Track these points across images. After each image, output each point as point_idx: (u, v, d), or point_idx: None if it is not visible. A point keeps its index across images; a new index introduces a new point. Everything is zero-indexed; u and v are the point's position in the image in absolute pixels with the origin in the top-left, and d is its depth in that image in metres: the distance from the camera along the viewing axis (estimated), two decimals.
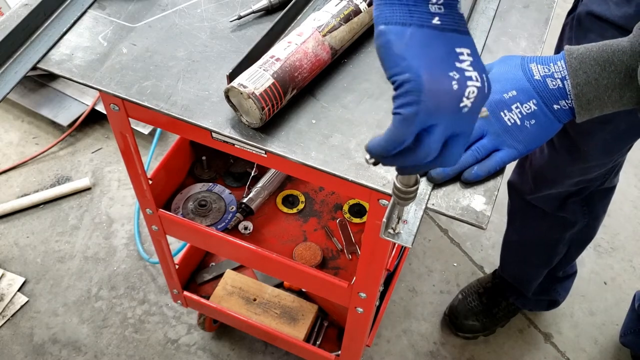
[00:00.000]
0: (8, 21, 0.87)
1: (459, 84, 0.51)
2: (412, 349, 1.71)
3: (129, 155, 1.05)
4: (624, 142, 1.13)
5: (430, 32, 0.51)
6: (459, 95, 0.51)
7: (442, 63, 0.51)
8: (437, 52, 0.51)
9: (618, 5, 0.94)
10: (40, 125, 2.17)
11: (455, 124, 0.53)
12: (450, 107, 0.51)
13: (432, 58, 0.50)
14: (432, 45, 0.51)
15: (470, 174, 0.74)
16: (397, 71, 0.51)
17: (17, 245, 1.86)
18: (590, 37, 1.01)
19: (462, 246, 1.93)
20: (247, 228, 1.35)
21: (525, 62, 0.75)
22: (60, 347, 1.67)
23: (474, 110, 0.53)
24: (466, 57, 0.52)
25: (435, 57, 0.51)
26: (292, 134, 0.80)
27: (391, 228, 0.71)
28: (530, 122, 0.73)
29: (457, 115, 0.52)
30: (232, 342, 1.68)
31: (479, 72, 0.53)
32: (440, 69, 0.50)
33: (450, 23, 0.52)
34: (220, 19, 0.93)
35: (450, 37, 0.52)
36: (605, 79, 0.70)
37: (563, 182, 1.25)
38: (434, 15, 0.51)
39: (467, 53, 0.52)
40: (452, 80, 0.51)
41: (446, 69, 0.51)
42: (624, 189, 2.09)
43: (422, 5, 0.51)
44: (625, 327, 1.68)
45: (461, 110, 0.52)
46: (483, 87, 0.53)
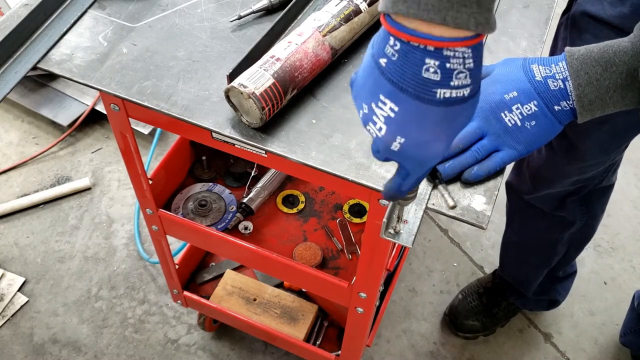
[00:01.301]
0: (8, 21, 0.87)
1: (364, 116, 0.55)
2: (412, 349, 1.71)
3: (129, 155, 1.05)
4: (621, 140, 1.13)
5: (373, 67, 0.52)
6: (363, 122, 0.55)
7: (362, 93, 0.54)
8: (366, 83, 0.53)
9: (612, 5, 0.94)
10: (40, 125, 2.17)
11: None
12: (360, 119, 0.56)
13: (361, 85, 0.54)
14: (368, 76, 0.53)
15: (470, 174, 0.74)
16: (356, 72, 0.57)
17: (17, 245, 1.86)
18: (584, 37, 1.01)
19: (462, 246, 1.93)
20: (247, 228, 1.35)
21: (527, 63, 0.75)
22: (60, 347, 1.67)
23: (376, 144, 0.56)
24: (386, 109, 0.51)
25: (363, 86, 0.54)
26: (293, 134, 0.80)
27: (391, 228, 0.71)
28: (530, 123, 0.73)
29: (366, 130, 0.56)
30: (232, 342, 1.68)
31: (391, 130, 0.52)
32: (358, 96, 0.55)
33: (392, 72, 0.49)
34: (221, 19, 0.93)
35: (385, 85, 0.50)
36: (607, 80, 0.70)
37: (561, 181, 1.25)
38: (385, 56, 0.50)
39: (390, 108, 0.51)
40: (360, 109, 0.55)
41: (362, 99, 0.54)
42: (624, 188, 2.09)
43: (383, 43, 0.50)
44: (625, 327, 1.68)
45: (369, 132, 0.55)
46: (385, 141, 0.54)
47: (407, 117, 0.51)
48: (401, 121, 0.51)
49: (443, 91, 0.49)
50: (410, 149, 0.53)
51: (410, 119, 0.51)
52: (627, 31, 0.92)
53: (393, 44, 0.48)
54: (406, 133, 0.52)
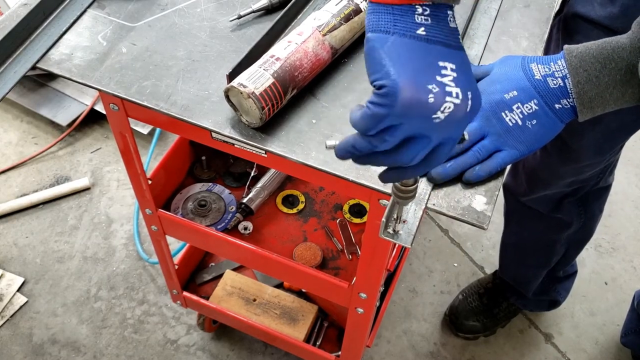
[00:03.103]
0: (7, 21, 0.87)
1: (436, 97, 0.51)
2: (413, 350, 1.71)
3: (129, 155, 1.05)
4: (615, 141, 1.13)
5: (413, 43, 0.51)
6: (433, 109, 0.51)
7: (422, 74, 0.51)
8: (418, 62, 0.51)
9: (602, 5, 0.94)
10: (40, 125, 2.17)
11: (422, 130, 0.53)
12: (421, 117, 0.52)
13: (411, 68, 0.51)
14: (414, 56, 0.51)
15: (472, 175, 0.74)
16: (377, 77, 0.51)
17: (16, 246, 1.86)
18: (576, 38, 1.01)
19: (462, 246, 1.93)
20: (247, 228, 1.35)
21: (526, 62, 0.75)
22: (59, 348, 1.66)
23: (447, 123, 0.52)
24: (449, 72, 0.52)
25: (415, 68, 0.51)
26: (292, 134, 0.79)
27: (391, 228, 0.71)
28: (531, 122, 0.73)
29: (426, 124, 0.52)
30: (231, 342, 1.68)
31: (463, 89, 0.52)
32: (419, 80, 0.51)
33: (437, 35, 0.52)
34: (220, 19, 0.93)
35: (436, 49, 0.52)
36: (606, 76, 0.70)
37: (557, 183, 1.25)
38: (419, 25, 0.51)
39: (451, 68, 0.52)
40: (429, 93, 0.51)
41: (426, 81, 0.51)
42: (624, 189, 2.09)
43: (407, 15, 0.51)
44: (625, 328, 1.68)
45: (432, 120, 0.52)
46: (463, 105, 0.52)
47: (464, 68, 0.53)
48: (463, 74, 0.53)
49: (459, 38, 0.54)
50: (476, 100, 0.54)
51: (465, 70, 0.53)
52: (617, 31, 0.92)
53: (422, 11, 0.52)
54: (471, 84, 0.54)
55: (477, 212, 0.73)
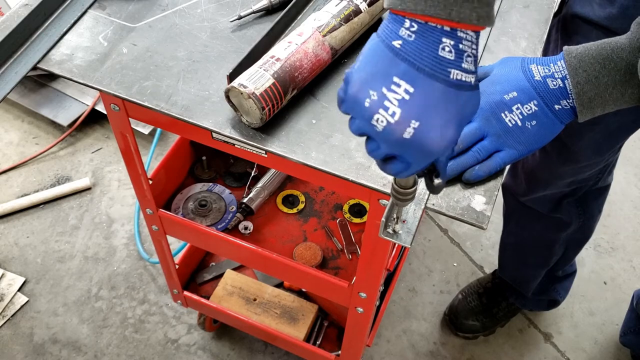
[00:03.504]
0: (8, 21, 0.87)
1: (371, 104, 0.53)
2: (412, 349, 1.71)
3: (129, 155, 1.05)
4: (614, 141, 1.13)
5: (384, 51, 0.52)
6: (368, 113, 0.53)
7: (371, 79, 0.53)
8: (376, 68, 0.52)
9: (601, 6, 0.94)
10: (40, 125, 2.17)
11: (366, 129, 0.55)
12: (361, 116, 0.54)
13: (368, 70, 0.53)
14: (378, 61, 0.52)
15: (471, 174, 0.75)
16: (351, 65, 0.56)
17: (17, 245, 1.86)
18: (575, 38, 1.01)
19: (462, 246, 1.93)
20: (247, 228, 1.35)
21: (526, 63, 0.75)
22: (60, 347, 1.67)
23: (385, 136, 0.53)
24: (401, 91, 0.51)
25: (371, 72, 0.53)
26: (293, 134, 0.80)
27: (390, 228, 0.71)
28: (531, 123, 0.73)
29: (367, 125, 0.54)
30: (232, 342, 1.68)
31: (406, 114, 0.52)
32: (366, 82, 0.53)
33: (411, 54, 0.51)
34: (221, 19, 0.93)
35: (400, 65, 0.51)
36: (606, 77, 0.70)
37: (556, 183, 1.25)
38: (399, 38, 0.51)
39: (406, 89, 0.51)
40: (367, 97, 0.53)
41: (370, 86, 0.52)
42: (624, 189, 2.09)
43: (395, 25, 0.52)
44: (624, 327, 1.68)
45: (372, 124, 0.53)
46: (398, 128, 0.52)
47: (423, 97, 0.51)
48: (417, 102, 0.51)
49: (456, 72, 0.51)
50: (423, 135, 0.52)
51: (425, 100, 0.51)
52: (615, 32, 0.92)
53: (409, 25, 0.51)
54: (421, 115, 0.52)
55: (476, 212, 0.73)
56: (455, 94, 0.52)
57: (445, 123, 0.53)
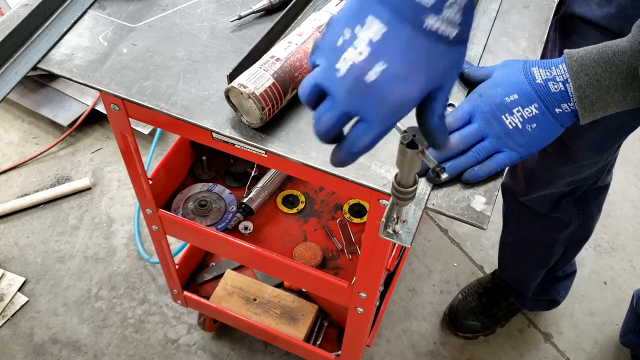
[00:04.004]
0: (8, 21, 0.87)
1: (343, 43, 0.50)
2: (412, 349, 1.71)
3: (129, 155, 1.05)
4: (613, 140, 1.14)
5: None
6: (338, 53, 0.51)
7: (345, 19, 0.51)
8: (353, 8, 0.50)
9: (599, 5, 0.94)
10: (40, 125, 2.17)
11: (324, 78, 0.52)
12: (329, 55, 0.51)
13: (346, 10, 0.51)
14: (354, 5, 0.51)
15: (470, 175, 0.75)
16: None
17: (17, 245, 1.86)
18: (573, 38, 1.01)
19: (462, 246, 1.93)
20: (247, 228, 1.36)
21: (527, 66, 0.75)
22: (60, 347, 1.67)
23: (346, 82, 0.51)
24: (372, 31, 0.49)
25: (348, 10, 0.51)
26: (293, 134, 0.80)
27: (390, 228, 0.71)
28: (531, 126, 0.73)
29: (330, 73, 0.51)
30: (232, 342, 1.68)
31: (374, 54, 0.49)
32: (341, 22, 0.51)
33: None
34: (221, 19, 0.94)
35: (375, 5, 0.49)
36: (607, 80, 0.70)
37: (555, 182, 1.25)
38: None
39: (378, 29, 0.49)
40: (340, 36, 0.51)
41: (345, 24, 0.51)
42: (624, 189, 2.09)
43: None
44: (624, 327, 1.68)
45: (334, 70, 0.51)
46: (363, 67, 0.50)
47: (394, 42, 0.48)
48: (386, 44, 0.49)
49: (432, 21, 0.48)
50: (387, 80, 0.49)
51: (396, 45, 0.49)
52: (613, 31, 0.92)
53: None
54: (389, 58, 0.49)
55: (476, 212, 0.73)
56: (427, 46, 0.49)
57: (412, 73, 0.49)
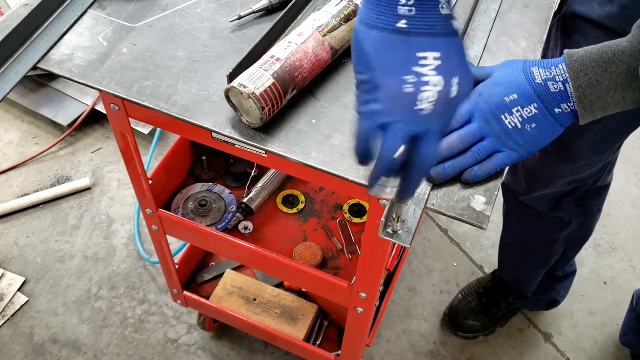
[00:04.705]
0: (8, 21, 0.87)
1: (415, 87, 0.53)
2: (412, 349, 1.71)
3: (129, 155, 1.05)
4: (613, 140, 1.14)
5: (392, 37, 0.53)
6: (412, 99, 0.53)
7: (398, 67, 0.53)
8: (395, 56, 0.53)
9: (601, 5, 0.94)
10: (40, 125, 2.17)
11: (414, 125, 0.55)
12: (405, 108, 0.54)
13: (389, 61, 0.53)
14: (392, 49, 0.53)
15: (470, 175, 0.75)
16: (359, 69, 0.55)
17: (17, 245, 1.86)
18: (574, 37, 1.01)
19: (462, 246, 1.93)
20: (247, 228, 1.36)
21: (527, 66, 0.75)
22: (60, 347, 1.67)
23: (438, 113, 0.54)
24: (431, 61, 0.53)
25: (392, 61, 0.53)
26: (293, 134, 0.80)
27: (390, 228, 0.71)
28: (531, 126, 0.73)
29: (415, 117, 0.54)
30: (232, 342, 1.68)
31: (446, 76, 0.54)
32: (394, 73, 0.53)
33: (419, 26, 0.53)
34: (221, 19, 0.94)
35: (415, 40, 0.53)
36: (607, 80, 0.70)
37: (556, 182, 1.25)
38: (401, 18, 0.52)
39: (434, 57, 0.53)
40: (404, 84, 0.53)
41: (401, 72, 0.53)
42: (624, 189, 2.09)
43: (390, 8, 0.52)
44: (625, 327, 1.68)
45: (419, 112, 0.54)
46: (447, 91, 0.54)
47: (449, 55, 0.54)
48: (449, 61, 0.54)
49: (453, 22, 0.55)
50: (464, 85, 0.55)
51: (452, 56, 0.54)
52: (615, 31, 0.92)
53: (406, 2, 0.52)
54: (457, 69, 0.55)
55: (476, 212, 0.73)
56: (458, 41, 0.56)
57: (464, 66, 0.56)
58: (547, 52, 1.13)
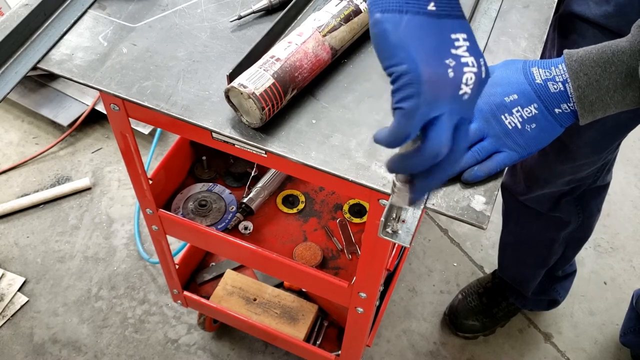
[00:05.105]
0: (8, 21, 0.87)
1: (455, 71, 0.51)
2: (412, 349, 1.71)
3: (129, 155, 1.05)
4: (612, 139, 1.14)
5: (426, 20, 0.51)
6: (457, 83, 0.51)
7: (438, 51, 0.50)
8: (432, 40, 0.50)
9: (598, 4, 0.94)
10: (40, 125, 2.17)
11: (458, 112, 0.53)
12: (451, 95, 0.51)
13: (428, 47, 0.50)
14: (428, 33, 0.50)
15: (470, 175, 0.75)
16: (394, 62, 0.50)
17: (17, 245, 1.86)
18: (571, 37, 1.01)
19: (462, 246, 1.93)
20: (247, 228, 1.36)
21: (527, 66, 0.75)
22: (60, 347, 1.67)
23: (473, 96, 0.53)
24: (462, 42, 0.52)
25: (431, 46, 0.50)
26: (293, 134, 0.80)
27: (390, 227, 0.71)
28: (530, 126, 0.74)
29: (458, 104, 0.52)
30: (232, 342, 1.68)
31: (475, 56, 0.53)
32: (436, 58, 0.50)
33: (444, 8, 0.52)
34: (221, 19, 0.94)
35: (445, 23, 0.52)
36: (607, 80, 0.70)
37: (554, 181, 1.25)
38: (429, 0, 0.51)
39: (462, 38, 0.52)
40: (447, 68, 0.50)
41: (442, 56, 0.50)
42: (624, 188, 2.09)
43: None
44: (625, 327, 1.68)
45: (461, 97, 0.52)
46: (480, 72, 0.53)
47: (472, 36, 0.53)
48: (473, 42, 0.53)
49: None
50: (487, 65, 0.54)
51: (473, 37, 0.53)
52: (612, 30, 0.92)
53: None
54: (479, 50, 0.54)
55: (476, 212, 0.73)
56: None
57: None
58: (544, 52, 1.13)
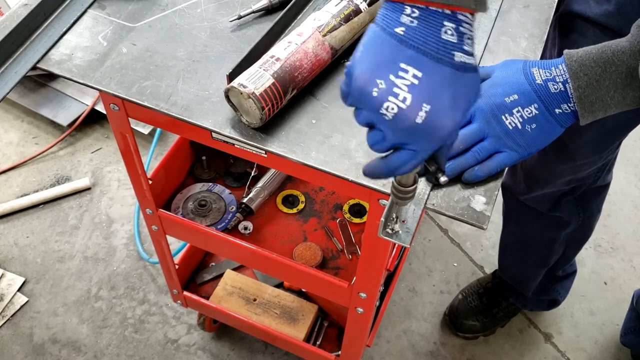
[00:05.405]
0: (8, 21, 0.87)
1: (380, 93, 0.53)
2: (412, 349, 1.71)
3: (129, 155, 1.05)
4: (612, 139, 1.14)
5: (386, 39, 0.53)
6: (377, 102, 0.54)
7: (377, 68, 0.53)
8: (379, 57, 0.53)
9: (598, 3, 0.94)
10: (40, 125, 2.17)
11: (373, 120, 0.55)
12: (369, 107, 0.54)
13: (371, 60, 0.53)
14: (381, 50, 0.53)
15: (470, 175, 0.75)
16: (350, 58, 0.56)
17: (16, 245, 1.86)
18: (572, 36, 1.01)
19: (462, 246, 1.93)
20: (247, 228, 1.35)
21: (527, 66, 0.75)
22: (60, 347, 1.67)
23: (394, 125, 0.54)
24: (409, 77, 0.53)
25: (374, 61, 0.53)
26: (292, 134, 0.80)
27: (390, 227, 0.71)
28: (531, 126, 0.74)
29: (375, 115, 0.55)
30: (232, 342, 1.68)
31: (417, 98, 0.53)
32: (371, 73, 0.53)
33: (416, 39, 0.52)
34: (220, 19, 0.93)
35: (406, 52, 0.52)
36: (607, 80, 0.70)
37: (555, 181, 1.25)
38: (401, 25, 0.52)
39: (414, 74, 0.53)
40: (374, 87, 0.53)
41: (377, 75, 0.53)
42: (624, 189, 2.09)
43: (395, 13, 0.52)
44: (625, 327, 1.68)
45: (380, 114, 0.54)
46: (410, 113, 0.53)
47: (432, 81, 0.53)
48: (427, 86, 0.53)
49: (459, 54, 0.53)
50: (435, 118, 0.54)
51: (435, 84, 0.53)
52: (612, 29, 0.92)
53: (410, 12, 0.52)
54: (432, 98, 0.53)
55: (476, 212, 0.73)
56: (461, 76, 0.53)
57: (454, 105, 0.54)
58: (545, 51, 1.13)
